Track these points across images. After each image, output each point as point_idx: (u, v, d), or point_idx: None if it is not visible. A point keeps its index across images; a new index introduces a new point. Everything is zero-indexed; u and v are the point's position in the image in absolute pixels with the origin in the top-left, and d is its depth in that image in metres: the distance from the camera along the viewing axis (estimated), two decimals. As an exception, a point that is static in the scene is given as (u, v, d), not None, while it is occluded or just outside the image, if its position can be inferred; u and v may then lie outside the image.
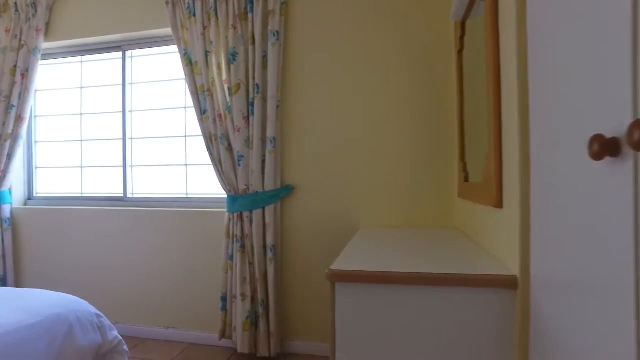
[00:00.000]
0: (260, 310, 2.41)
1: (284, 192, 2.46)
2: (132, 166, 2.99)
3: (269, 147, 2.40)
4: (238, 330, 2.42)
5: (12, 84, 2.96)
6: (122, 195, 2.99)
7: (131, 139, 2.98)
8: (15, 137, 2.98)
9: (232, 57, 2.41)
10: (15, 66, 2.97)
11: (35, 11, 2.97)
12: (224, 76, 2.46)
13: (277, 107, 2.42)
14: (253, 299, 2.46)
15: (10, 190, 3.09)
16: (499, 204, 1.28)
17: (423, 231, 2.10)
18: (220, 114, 2.47)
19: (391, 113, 2.37)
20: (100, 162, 3.10)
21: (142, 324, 2.83)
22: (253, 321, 2.45)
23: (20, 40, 2.98)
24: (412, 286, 1.16)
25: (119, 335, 2.01)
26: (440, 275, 1.14)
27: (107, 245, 2.89)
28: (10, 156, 2.99)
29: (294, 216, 2.51)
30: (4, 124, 2.96)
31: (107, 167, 3.07)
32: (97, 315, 1.92)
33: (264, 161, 2.43)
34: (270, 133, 2.40)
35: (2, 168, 2.98)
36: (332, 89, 2.45)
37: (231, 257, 2.47)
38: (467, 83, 1.87)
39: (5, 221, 3.03)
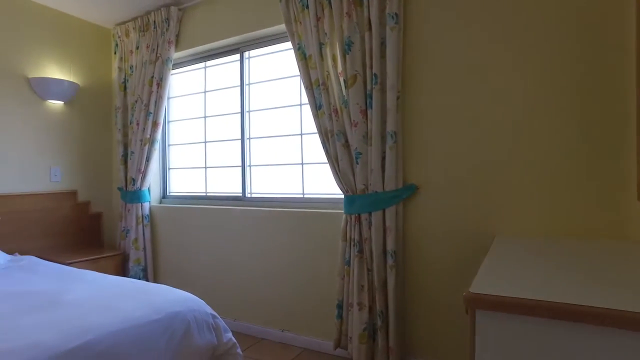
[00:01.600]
0: (379, 322, 2.20)
1: (406, 193, 2.21)
2: (250, 166, 3.02)
3: (389, 142, 2.17)
4: (354, 342, 2.24)
5: (150, 93, 3.23)
6: (241, 194, 3.03)
7: (249, 138, 3.02)
8: (152, 141, 3.24)
9: (347, 47, 2.24)
10: (152, 77, 3.23)
11: (168, 25, 3.19)
12: (340, 68, 2.31)
13: (398, 98, 2.18)
14: (371, 309, 2.25)
15: (148, 189, 3.38)
16: None
17: (585, 244, 1.65)
18: (336, 109, 2.31)
19: (538, 94, 1.94)
20: (222, 162, 3.20)
21: (258, 323, 2.83)
22: (371, 333, 2.24)
23: (156, 53, 3.24)
24: (607, 328, 0.82)
25: (233, 338, 1.98)
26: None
27: (227, 243, 2.96)
28: (148, 159, 3.26)
29: (417, 219, 2.24)
30: (144, 129, 3.24)
31: (227, 167, 3.15)
32: (213, 316, 1.91)
33: (384, 158, 2.21)
34: (390, 127, 2.16)
35: (142, 169, 3.27)
36: (462, 75, 2.12)
37: (348, 262, 2.30)
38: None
39: (145, 217, 3.32)
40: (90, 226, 3.49)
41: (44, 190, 3.20)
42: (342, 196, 2.37)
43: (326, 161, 2.41)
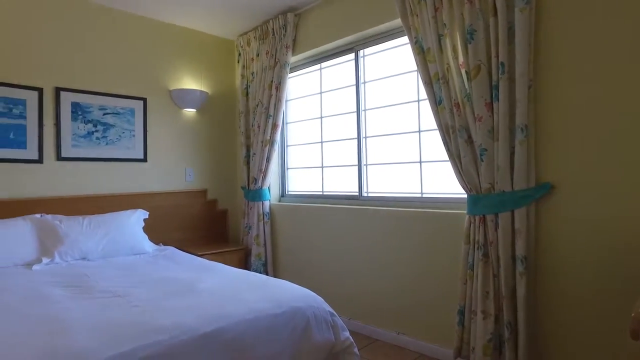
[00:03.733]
0: (506, 334, 2.00)
1: (539, 192, 1.98)
2: (366, 165, 3.00)
3: (519, 137, 1.96)
4: (477, 352, 2.07)
5: (269, 96, 3.41)
6: (357, 193, 3.03)
7: (365, 137, 3.01)
8: (272, 142, 3.42)
9: (469, 36, 2.08)
10: (271, 81, 3.41)
11: (285, 31, 3.34)
12: (461, 59, 2.16)
13: (529, 87, 1.96)
14: (497, 319, 2.06)
15: (269, 188, 3.57)
16: None
17: None
18: (458, 103, 2.17)
19: None
20: (338, 161, 3.24)
21: (373, 324, 2.79)
22: (496, 345, 2.06)
23: (275, 58, 3.41)
24: None
25: (350, 337, 1.98)
26: None
27: (343, 242, 2.98)
28: (268, 159, 3.45)
29: (554, 222, 1.98)
30: (264, 131, 3.44)
31: (343, 166, 3.18)
32: (331, 314, 1.93)
33: (512, 154, 2.01)
34: (520, 120, 1.96)
35: (263, 169, 3.47)
36: (610, 58, 1.81)
37: (471, 267, 2.14)
38: None
39: (266, 215, 3.52)
40: (217, 222, 3.82)
41: (180, 189, 3.60)
42: (465, 196, 2.22)
43: (447, 159, 2.28)
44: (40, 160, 2.88)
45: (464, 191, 2.20)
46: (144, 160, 3.38)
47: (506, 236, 2.01)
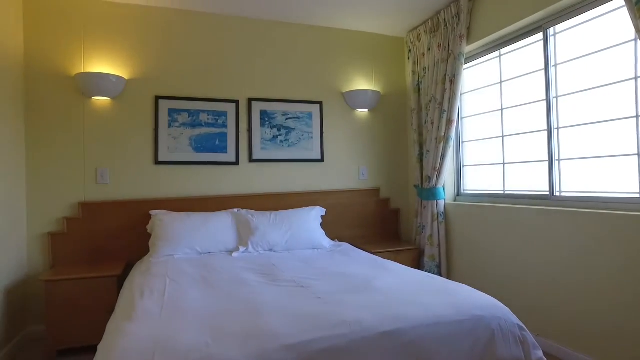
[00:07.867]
0: None
1: None
2: (559, 160, 2.59)
3: None
4: None
5: (443, 91, 3.25)
6: (548, 193, 2.63)
7: (557, 128, 2.59)
8: (446, 138, 3.25)
9: None
10: (445, 75, 3.24)
11: (459, 20, 3.13)
12: None
13: None
14: None
15: (443, 187, 3.41)
16: None
17: None
18: (699, 75, 1.68)
19: None
20: (523, 157, 2.87)
21: (567, 345, 2.38)
22: None
23: (447, 50, 3.24)
24: None
25: (544, 358, 1.71)
26: None
27: (529, 247, 2.63)
28: (443, 156, 3.28)
29: None
30: (438, 127, 3.29)
31: (530, 162, 2.81)
32: (520, 328, 1.71)
33: None
34: None
35: (437, 167, 3.32)
36: None
37: None
38: None
39: (440, 214, 3.36)
40: (389, 221, 3.82)
41: (354, 188, 3.72)
42: None
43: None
44: (236, 162, 3.35)
45: None
46: (321, 160, 3.60)
47: None
